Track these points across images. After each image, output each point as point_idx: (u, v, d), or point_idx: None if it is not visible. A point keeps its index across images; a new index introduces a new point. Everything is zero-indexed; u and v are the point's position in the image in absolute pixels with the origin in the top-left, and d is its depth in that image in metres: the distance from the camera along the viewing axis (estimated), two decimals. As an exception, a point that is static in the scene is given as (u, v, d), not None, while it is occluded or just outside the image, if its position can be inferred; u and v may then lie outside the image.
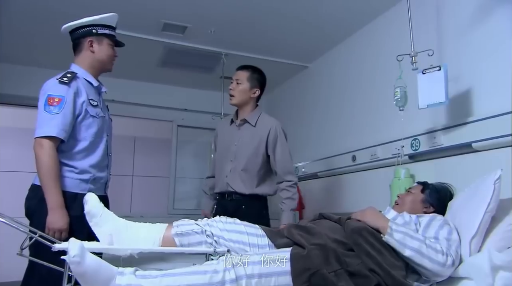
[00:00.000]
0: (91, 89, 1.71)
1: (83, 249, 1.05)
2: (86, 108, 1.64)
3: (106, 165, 1.76)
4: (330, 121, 3.06)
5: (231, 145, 2.21)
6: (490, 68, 1.80)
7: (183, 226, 1.44)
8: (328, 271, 1.16)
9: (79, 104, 1.62)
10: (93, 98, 1.69)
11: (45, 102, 1.56)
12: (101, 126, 1.69)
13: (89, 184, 1.65)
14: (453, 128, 1.90)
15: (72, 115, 1.58)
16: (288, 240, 1.34)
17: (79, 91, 1.63)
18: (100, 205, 1.39)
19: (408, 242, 1.27)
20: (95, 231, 1.36)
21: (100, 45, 1.73)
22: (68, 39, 1.76)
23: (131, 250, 1.31)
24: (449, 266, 1.25)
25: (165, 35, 2.88)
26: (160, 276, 1.11)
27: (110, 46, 1.76)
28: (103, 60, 1.74)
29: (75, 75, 1.66)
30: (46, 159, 1.51)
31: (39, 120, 1.55)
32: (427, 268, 1.25)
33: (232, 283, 1.11)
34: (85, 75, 1.71)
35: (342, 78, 2.94)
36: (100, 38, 1.73)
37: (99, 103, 1.73)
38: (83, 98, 1.64)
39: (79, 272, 1.03)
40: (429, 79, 1.86)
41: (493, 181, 1.38)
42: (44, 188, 1.52)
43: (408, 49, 1.98)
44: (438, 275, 1.26)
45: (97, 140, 1.68)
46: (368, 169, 2.52)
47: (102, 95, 1.80)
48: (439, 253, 1.25)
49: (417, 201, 1.62)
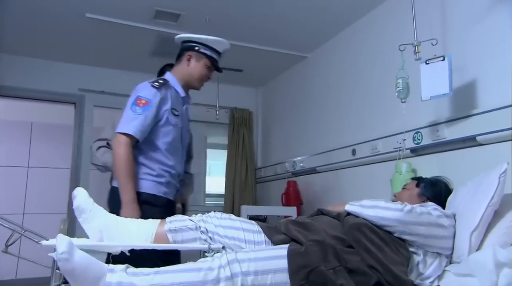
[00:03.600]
0: (177, 99, 1.83)
1: (72, 245, 1.04)
2: (167, 116, 1.76)
3: (178, 174, 1.85)
4: (329, 114, 3.05)
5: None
6: (496, 59, 1.80)
7: (176, 222, 1.43)
8: (326, 268, 1.16)
9: (163, 111, 1.74)
10: (176, 108, 1.80)
11: (133, 101, 1.71)
12: (177, 136, 1.81)
13: (164, 186, 1.76)
14: (457, 121, 1.90)
15: (153, 120, 1.71)
16: (285, 236, 1.34)
17: (165, 98, 1.76)
18: (90, 200, 1.38)
19: (367, 203, 1.39)
20: (84, 227, 1.36)
21: (197, 62, 1.85)
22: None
23: (122, 247, 1.30)
24: (407, 211, 1.33)
25: (157, 23, 2.85)
26: (153, 274, 1.11)
27: (206, 67, 1.86)
28: (194, 76, 1.86)
29: (167, 82, 1.80)
30: (121, 153, 1.64)
31: (124, 117, 1.70)
32: (388, 217, 1.32)
33: (227, 281, 1.11)
34: (175, 85, 1.85)
35: (342, 69, 2.93)
36: (200, 56, 1.85)
37: (181, 114, 1.84)
38: (167, 106, 1.76)
39: (67, 269, 1.02)
40: (433, 69, 1.85)
41: (498, 174, 1.38)
42: (119, 182, 1.65)
43: (410, 39, 1.97)
44: (401, 222, 1.31)
45: (172, 148, 1.79)
46: (368, 163, 2.52)
47: (186, 107, 1.91)
48: (397, 204, 1.36)
49: (413, 196, 1.65)
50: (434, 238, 1.36)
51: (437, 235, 1.36)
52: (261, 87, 4.27)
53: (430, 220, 1.36)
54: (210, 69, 1.87)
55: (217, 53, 1.88)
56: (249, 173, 3.95)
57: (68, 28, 2.93)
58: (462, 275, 1.29)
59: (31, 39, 3.12)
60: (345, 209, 1.43)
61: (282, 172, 3.52)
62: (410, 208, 1.34)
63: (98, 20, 2.75)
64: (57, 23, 2.86)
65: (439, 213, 1.39)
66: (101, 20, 2.75)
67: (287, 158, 3.49)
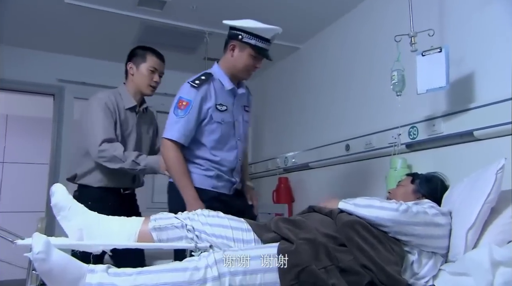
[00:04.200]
0: (222, 93, 1.83)
1: (49, 244, 1.03)
2: (211, 114, 1.78)
3: (231, 168, 1.87)
4: (322, 108, 3.06)
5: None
6: (495, 51, 1.81)
7: (161, 220, 1.43)
8: (318, 267, 1.16)
9: (205, 109, 1.77)
10: (222, 102, 1.81)
11: (176, 103, 1.77)
12: (226, 132, 1.83)
13: (214, 180, 1.82)
14: (454, 115, 1.91)
15: (196, 121, 1.76)
16: (275, 234, 1.34)
17: (207, 95, 1.78)
18: (69, 197, 1.36)
19: (361, 202, 1.39)
20: (63, 225, 1.34)
21: (241, 52, 1.80)
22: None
23: (103, 246, 1.30)
24: (402, 210, 1.33)
25: (141, 10, 2.82)
26: (135, 274, 1.10)
27: (250, 56, 1.80)
28: (239, 68, 1.82)
29: (210, 77, 1.81)
30: (169, 158, 1.76)
31: (168, 121, 1.78)
32: (382, 216, 1.33)
33: (215, 281, 1.11)
34: (221, 77, 1.83)
35: (335, 61, 2.94)
36: (243, 46, 1.79)
37: (231, 107, 1.84)
38: (211, 103, 1.78)
39: (44, 270, 1.01)
40: (429, 61, 1.86)
41: (495, 170, 1.40)
42: (177, 185, 1.75)
43: (407, 29, 1.97)
44: (395, 222, 1.32)
45: (220, 145, 1.83)
46: (362, 159, 2.53)
47: (238, 98, 1.89)
48: (392, 203, 1.37)
49: (408, 192, 1.66)
50: (430, 238, 1.37)
51: (433, 235, 1.37)
52: (251, 80, 4.24)
53: (426, 219, 1.37)
54: (256, 59, 1.82)
55: (264, 41, 1.80)
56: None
57: (46, 14, 2.87)
58: (458, 274, 1.31)
59: (6, 26, 3.05)
60: (338, 206, 1.44)
61: (273, 168, 3.53)
62: (406, 208, 1.35)
63: (78, 6, 2.70)
64: (34, 9, 2.80)
65: (435, 211, 1.41)
66: (81, 6, 2.70)
67: (278, 154, 3.49)
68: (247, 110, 1.97)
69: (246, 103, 1.97)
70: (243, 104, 1.94)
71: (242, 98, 1.93)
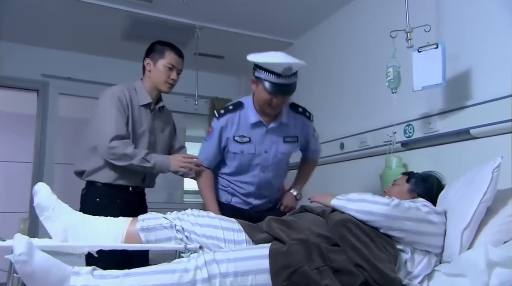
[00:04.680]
0: (246, 124, 1.90)
1: (31, 246, 1.02)
2: (229, 144, 1.91)
3: (249, 192, 1.98)
4: (315, 105, 3.04)
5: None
6: (492, 47, 1.83)
7: (149, 220, 1.42)
8: (310, 268, 1.17)
9: (225, 138, 1.91)
10: (244, 134, 1.90)
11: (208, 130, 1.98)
12: (246, 162, 1.93)
13: (229, 195, 2.00)
14: (450, 113, 1.93)
15: (217, 147, 1.93)
16: (267, 235, 1.35)
17: (228, 125, 1.90)
18: (53, 197, 1.35)
19: (354, 197, 1.41)
20: (46, 226, 1.33)
21: (258, 87, 1.81)
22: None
23: (89, 248, 1.29)
24: (394, 205, 1.35)
25: (129, 3, 2.80)
26: (122, 276, 1.10)
27: (265, 91, 1.77)
28: (260, 102, 1.85)
29: (239, 107, 1.92)
30: (200, 179, 1.98)
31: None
32: (374, 211, 1.34)
33: (204, 283, 1.11)
34: (250, 109, 1.91)
35: (329, 57, 2.94)
36: (258, 80, 1.80)
37: (257, 139, 1.91)
38: (228, 134, 1.90)
39: (26, 272, 1.00)
40: (425, 58, 1.87)
41: (491, 169, 1.41)
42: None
43: (403, 25, 1.98)
44: (388, 217, 1.34)
45: (239, 172, 1.96)
46: (357, 157, 2.55)
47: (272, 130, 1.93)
48: (384, 198, 1.39)
49: (403, 192, 1.67)
50: (422, 235, 1.38)
51: (425, 231, 1.38)
52: (243, 76, 4.25)
53: (418, 215, 1.38)
54: (273, 95, 1.76)
55: (277, 75, 1.72)
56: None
57: (29, 6, 2.84)
58: (453, 275, 1.32)
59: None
60: (331, 203, 1.45)
61: (265, 167, 3.52)
62: (398, 202, 1.37)
63: (63, -2, 2.69)
64: (16, 0, 2.77)
65: (428, 209, 1.42)
66: (66, -2, 2.69)
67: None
68: (288, 141, 1.96)
69: (288, 134, 1.95)
70: (282, 135, 1.94)
71: (280, 130, 1.93)
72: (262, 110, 1.86)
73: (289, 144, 1.96)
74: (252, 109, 1.89)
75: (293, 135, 1.96)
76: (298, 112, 1.98)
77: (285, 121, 1.92)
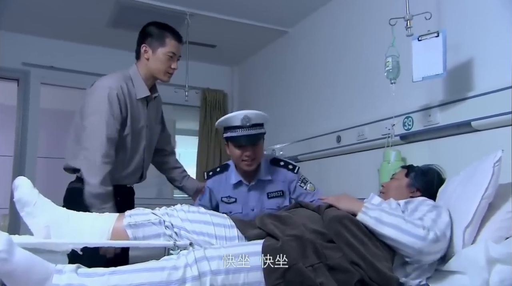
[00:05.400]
0: (229, 185, 2.03)
1: (11, 243, 1.02)
2: (219, 204, 2.05)
3: None
4: (312, 96, 3.06)
5: None
6: (495, 36, 1.83)
7: (137, 216, 1.42)
8: (305, 265, 1.17)
9: (214, 199, 2.07)
10: (230, 195, 2.03)
11: None
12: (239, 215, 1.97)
13: None
14: (450, 105, 1.93)
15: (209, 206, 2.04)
16: (260, 230, 1.35)
17: (215, 187, 2.05)
18: (34, 192, 1.34)
19: (384, 218, 1.32)
20: (27, 222, 1.32)
21: (229, 148, 1.97)
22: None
23: (72, 245, 1.28)
24: (431, 240, 1.28)
25: (116, -12, 2.77)
26: (108, 274, 1.10)
27: (235, 148, 1.92)
28: (235, 161, 1.99)
29: (224, 169, 2.07)
30: None
31: None
32: (407, 244, 1.27)
33: (194, 281, 1.11)
34: (232, 170, 2.04)
35: (326, 46, 2.94)
36: (227, 141, 1.95)
37: (243, 199, 2.02)
38: (217, 195, 2.05)
39: (6, 271, 1.00)
40: (426, 47, 1.87)
41: (492, 163, 1.42)
42: None
43: (402, 12, 1.98)
44: (422, 253, 1.28)
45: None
46: (354, 151, 2.55)
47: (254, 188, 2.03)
48: (419, 228, 1.29)
49: (402, 186, 1.67)
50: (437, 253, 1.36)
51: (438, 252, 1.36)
52: (236, 66, 4.24)
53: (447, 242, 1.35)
54: (241, 148, 1.89)
55: (238, 128, 1.87)
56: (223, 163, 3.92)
57: (9, -9, 2.80)
58: (452, 272, 1.33)
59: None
60: (357, 217, 1.35)
61: (259, 161, 3.52)
62: (435, 237, 1.29)
63: (45, -18, 2.65)
64: (-5, -15, 2.73)
65: (447, 222, 1.39)
66: (48, -18, 2.65)
67: (265, 146, 3.44)
68: (272, 197, 2.03)
69: (271, 190, 2.03)
70: (266, 192, 2.03)
71: (262, 187, 2.02)
72: (242, 170, 1.98)
73: (274, 199, 2.04)
74: (233, 170, 2.04)
75: (277, 190, 2.04)
76: (280, 166, 2.06)
77: (264, 178, 2.01)
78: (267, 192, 2.02)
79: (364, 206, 1.37)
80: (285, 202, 2.04)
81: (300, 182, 2.04)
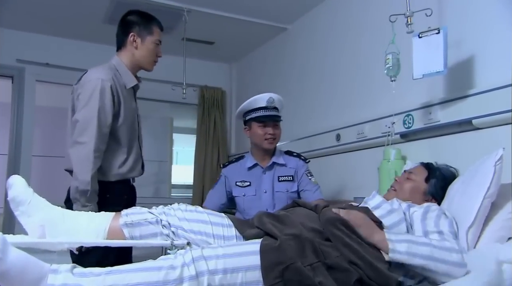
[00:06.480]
0: (245, 169, 2.25)
1: (5, 242, 1.01)
2: (232, 190, 2.25)
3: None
4: (311, 94, 3.06)
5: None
6: (496, 33, 1.83)
7: (133, 215, 1.42)
8: (303, 264, 1.17)
9: (228, 184, 2.28)
10: (245, 179, 2.24)
11: None
12: (250, 203, 2.21)
13: None
14: (451, 103, 1.93)
15: (222, 192, 2.29)
16: (258, 230, 1.35)
17: (230, 173, 2.27)
18: (29, 190, 1.34)
19: (415, 250, 1.25)
20: (22, 221, 1.32)
21: (251, 129, 2.20)
22: None
23: (68, 244, 1.28)
24: (465, 264, 1.24)
25: (112, -16, 2.76)
26: (104, 274, 1.09)
27: (259, 128, 2.18)
28: (257, 141, 2.21)
29: (241, 158, 2.33)
30: None
31: None
32: (444, 273, 1.23)
33: (192, 280, 1.10)
34: (248, 157, 2.28)
35: (325, 43, 2.94)
36: (251, 124, 2.20)
37: (256, 182, 2.22)
38: (231, 180, 2.26)
39: (0, 271, 0.99)
40: (426, 44, 1.87)
41: (493, 162, 1.42)
42: None
43: (402, 8, 1.97)
44: (455, 277, 1.23)
45: (247, 212, 2.19)
46: (354, 149, 2.55)
47: (269, 171, 2.24)
48: (453, 252, 1.25)
49: (418, 191, 1.62)
50: None
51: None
52: (234, 63, 4.24)
53: None
54: (265, 125, 2.16)
55: (263, 109, 2.16)
56: (221, 161, 3.94)
57: (3, -14, 2.79)
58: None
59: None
60: (389, 257, 1.26)
61: (257, 159, 3.52)
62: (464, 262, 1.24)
63: (40, -23, 2.64)
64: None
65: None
66: (43, -22, 2.64)
67: (263, 144, 3.49)
68: (282, 180, 2.23)
69: (282, 174, 2.23)
70: (277, 175, 2.23)
71: (275, 170, 2.24)
72: (262, 150, 2.20)
73: (284, 183, 2.22)
74: (250, 156, 2.27)
75: (288, 174, 2.24)
76: (293, 156, 2.30)
77: (278, 161, 2.23)
78: (278, 175, 2.23)
79: (389, 241, 1.27)
80: (293, 186, 2.23)
81: (307, 172, 2.26)
